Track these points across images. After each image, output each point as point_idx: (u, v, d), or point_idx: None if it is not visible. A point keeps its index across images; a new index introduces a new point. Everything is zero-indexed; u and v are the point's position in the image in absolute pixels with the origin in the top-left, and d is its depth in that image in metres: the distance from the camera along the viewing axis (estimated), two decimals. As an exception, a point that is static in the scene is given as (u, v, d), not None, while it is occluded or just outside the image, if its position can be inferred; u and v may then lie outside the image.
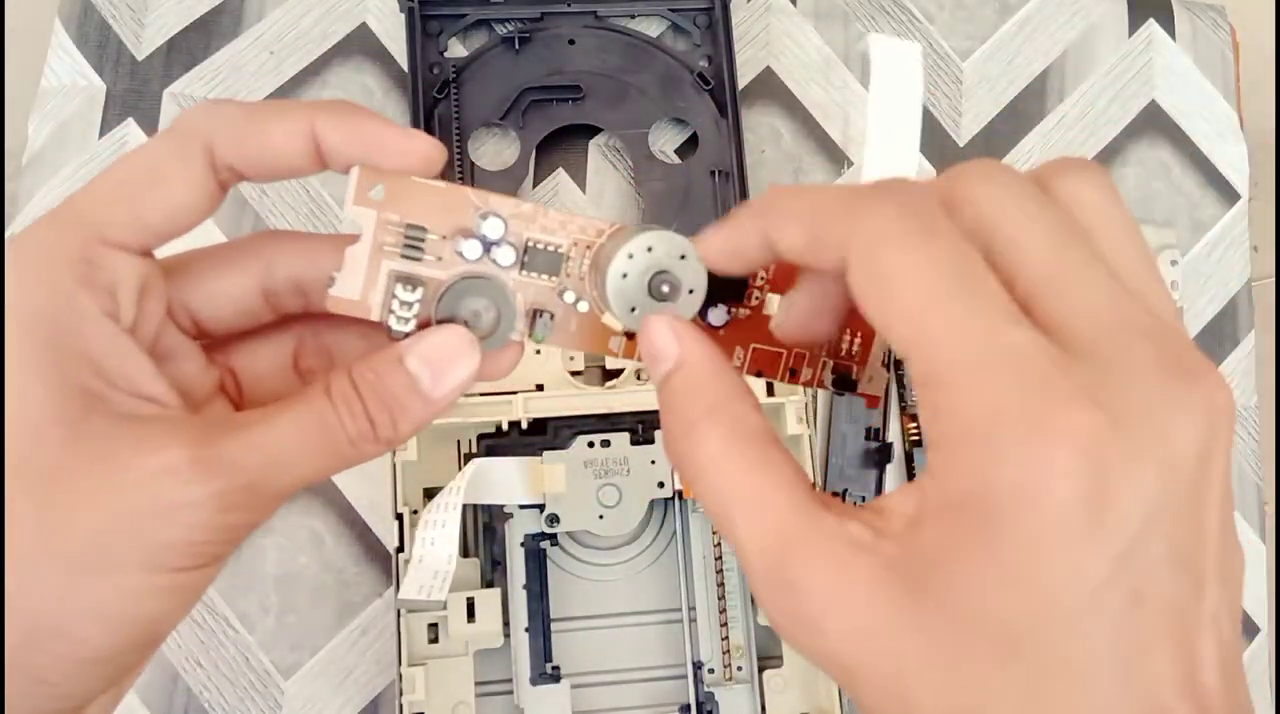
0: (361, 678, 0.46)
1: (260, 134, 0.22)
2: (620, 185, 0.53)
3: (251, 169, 0.22)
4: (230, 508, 0.20)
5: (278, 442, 0.21)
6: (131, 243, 0.21)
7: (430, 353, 0.22)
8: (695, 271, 0.23)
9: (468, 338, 0.23)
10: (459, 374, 0.22)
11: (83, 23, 0.52)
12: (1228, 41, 0.57)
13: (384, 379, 0.22)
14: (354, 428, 0.21)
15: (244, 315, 0.23)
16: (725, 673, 0.43)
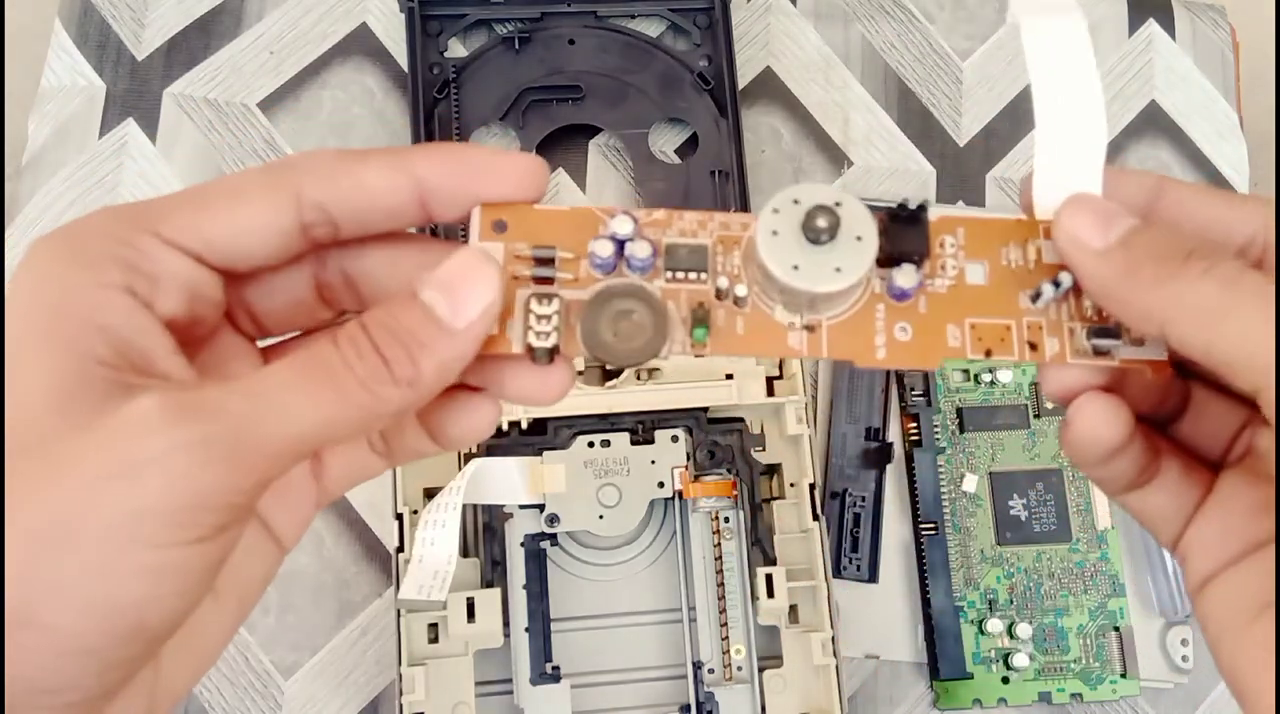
0: (361, 678, 0.46)
1: (355, 173, 0.20)
2: (620, 185, 0.53)
3: (344, 209, 0.20)
4: (213, 460, 0.17)
5: (268, 383, 0.18)
6: (185, 247, 0.19)
7: (445, 277, 0.20)
8: (858, 215, 0.21)
9: (484, 255, 0.20)
10: (480, 296, 0.20)
11: (83, 23, 0.52)
12: (1228, 41, 0.57)
13: (395, 314, 0.19)
14: (362, 367, 0.19)
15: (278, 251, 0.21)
16: (725, 673, 0.43)
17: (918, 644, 0.48)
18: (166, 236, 0.19)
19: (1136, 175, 0.22)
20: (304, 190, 0.20)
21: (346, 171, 0.20)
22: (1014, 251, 0.22)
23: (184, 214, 0.20)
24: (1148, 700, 0.48)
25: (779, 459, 0.46)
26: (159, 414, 0.17)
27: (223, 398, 0.17)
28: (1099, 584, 0.48)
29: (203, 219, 0.20)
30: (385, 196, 0.21)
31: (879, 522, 0.49)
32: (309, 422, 0.18)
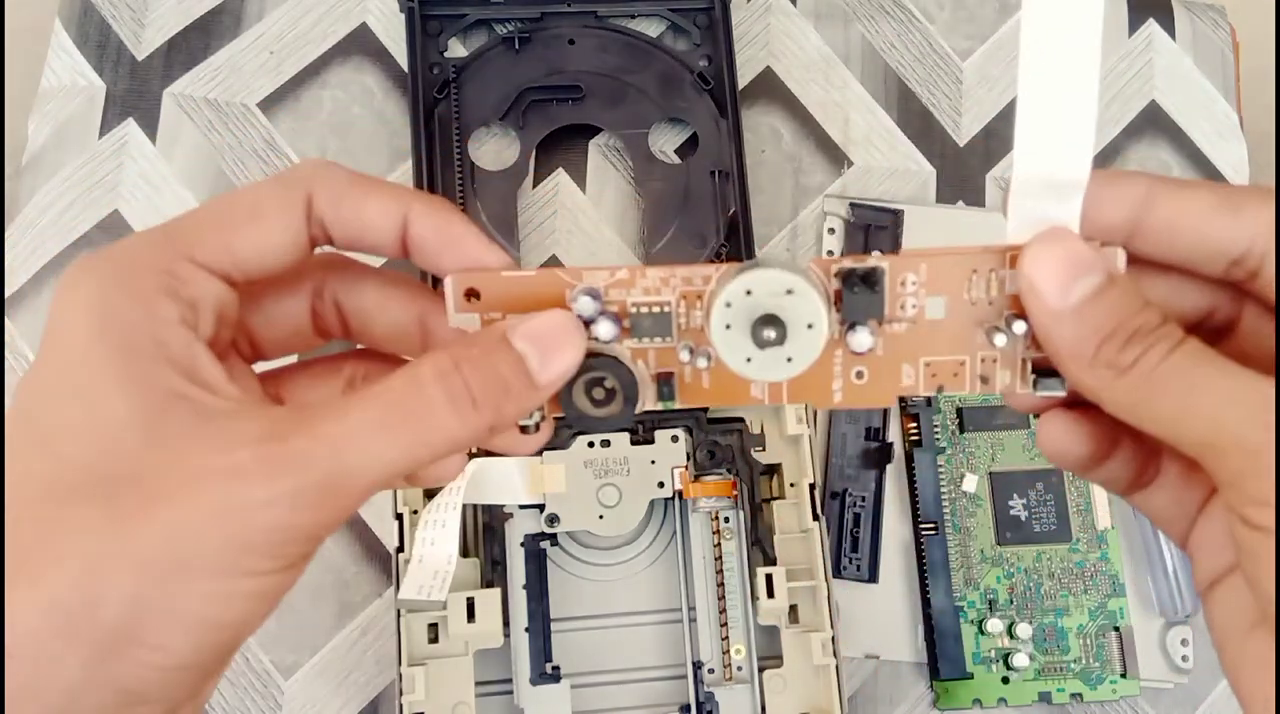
0: (361, 678, 0.46)
1: (360, 201, 0.22)
2: (620, 185, 0.53)
3: (340, 231, 0.22)
4: (304, 507, 0.19)
5: (350, 430, 0.19)
6: (217, 268, 0.21)
7: (539, 332, 0.21)
8: (808, 304, 0.21)
9: (574, 320, 0.22)
10: (567, 357, 0.21)
11: (83, 23, 0.52)
12: (1228, 41, 0.57)
13: (490, 357, 0.20)
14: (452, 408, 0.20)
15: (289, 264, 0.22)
16: (725, 673, 0.43)
17: (918, 644, 0.48)
18: (200, 260, 0.20)
19: (1126, 184, 0.21)
20: (314, 205, 0.21)
21: (354, 197, 0.22)
22: (977, 286, 0.22)
23: (214, 235, 0.21)
24: (1148, 700, 0.48)
25: (779, 459, 0.46)
26: (256, 467, 0.19)
27: (310, 447, 0.19)
28: (1099, 584, 0.48)
29: (231, 239, 0.21)
30: (377, 232, 0.22)
31: (879, 522, 0.49)
32: (389, 463, 0.20)
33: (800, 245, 0.53)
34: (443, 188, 0.50)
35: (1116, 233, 0.22)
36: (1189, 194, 0.21)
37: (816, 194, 0.53)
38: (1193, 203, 0.21)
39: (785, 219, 0.53)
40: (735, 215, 0.49)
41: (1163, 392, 0.19)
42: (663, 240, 0.50)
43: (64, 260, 0.49)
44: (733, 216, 0.50)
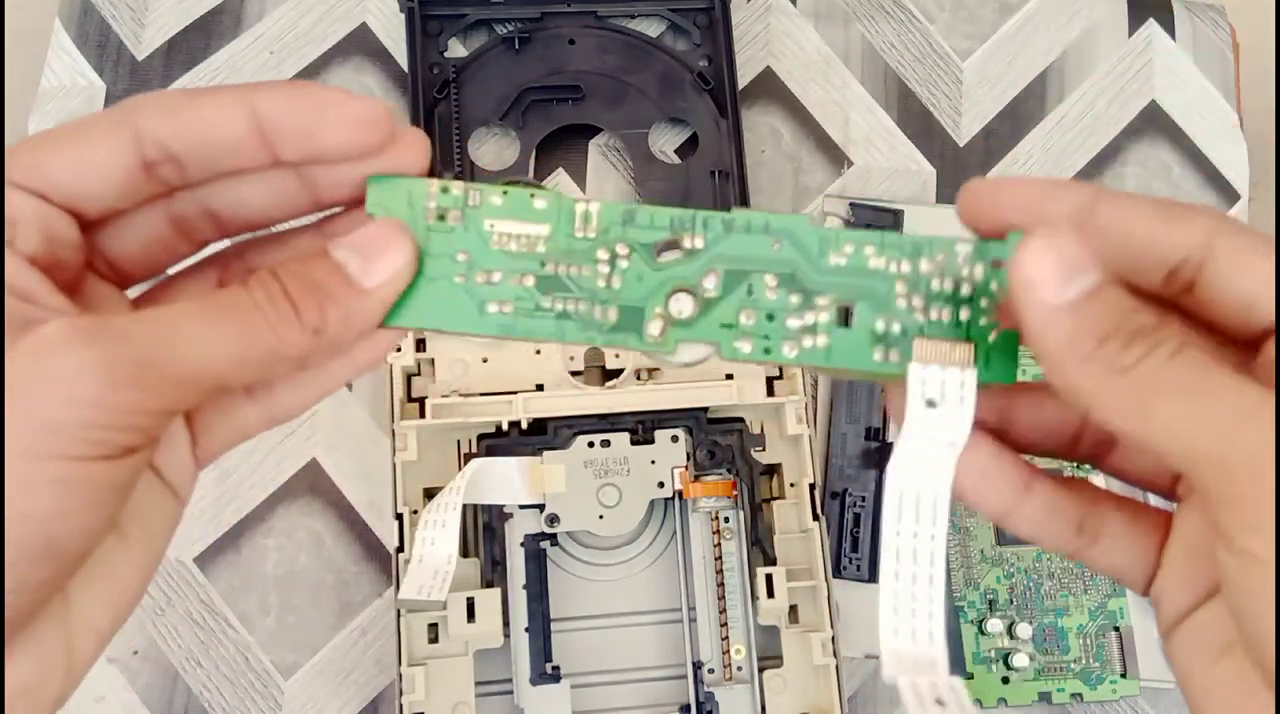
0: (361, 678, 0.46)
1: (192, 107, 0.20)
2: (620, 185, 0.53)
3: (184, 145, 0.20)
4: (121, 382, 0.18)
5: (176, 315, 0.19)
6: (30, 186, 0.20)
7: (359, 241, 0.21)
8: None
9: (399, 226, 0.21)
10: (392, 262, 0.21)
11: (83, 23, 0.52)
12: (1228, 41, 0.57)
13: (306, 265, 0.20)
14: (272, 309, 0.20)
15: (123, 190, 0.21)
16: (725, 673, 0.43)
17: (918, 644, 0.48)
18: (11, 178, 0.20)
19: (1070, 192, 0.21)
20: (144, 127, 0.20)
21: (185, 107, 0.20)
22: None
23: (24, 155, 0.20)
24: (1148, 700, 0.48)
25: (779, 459, 0.46)
26: (66, 336, 0.18)
27: (129, 325, 0.18)
28: (1099, 584, 0.48)
29: (44, 159, 0.20)
30: (223, 130, 0.20)
31: (879, 522, 0.48)
32: (215, 355, 0.19)
33: (800, 245, 0.53)
34: (443, 188, 0.50)
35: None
36: (1133, 202, 0.21)
37: (816, 194, 0.53)
38: (1133, 209, 0.21)
39: (785, 219, 0.53)
40: (735, 215, 0.49)
41: (1164, 397, 0.18)
42: (663, 240, 0.50)
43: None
44: (733, 216, 0.50)
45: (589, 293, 0.22)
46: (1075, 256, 0.20)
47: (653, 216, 0.22)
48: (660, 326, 0.22)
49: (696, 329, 0.22)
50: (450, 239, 0.22)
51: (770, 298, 0.22)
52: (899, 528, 0.22)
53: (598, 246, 0.22)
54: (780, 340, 0.22)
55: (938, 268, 0.22)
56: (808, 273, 0.22)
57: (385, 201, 0.22)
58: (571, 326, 0.22)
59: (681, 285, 0.22)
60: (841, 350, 0.22)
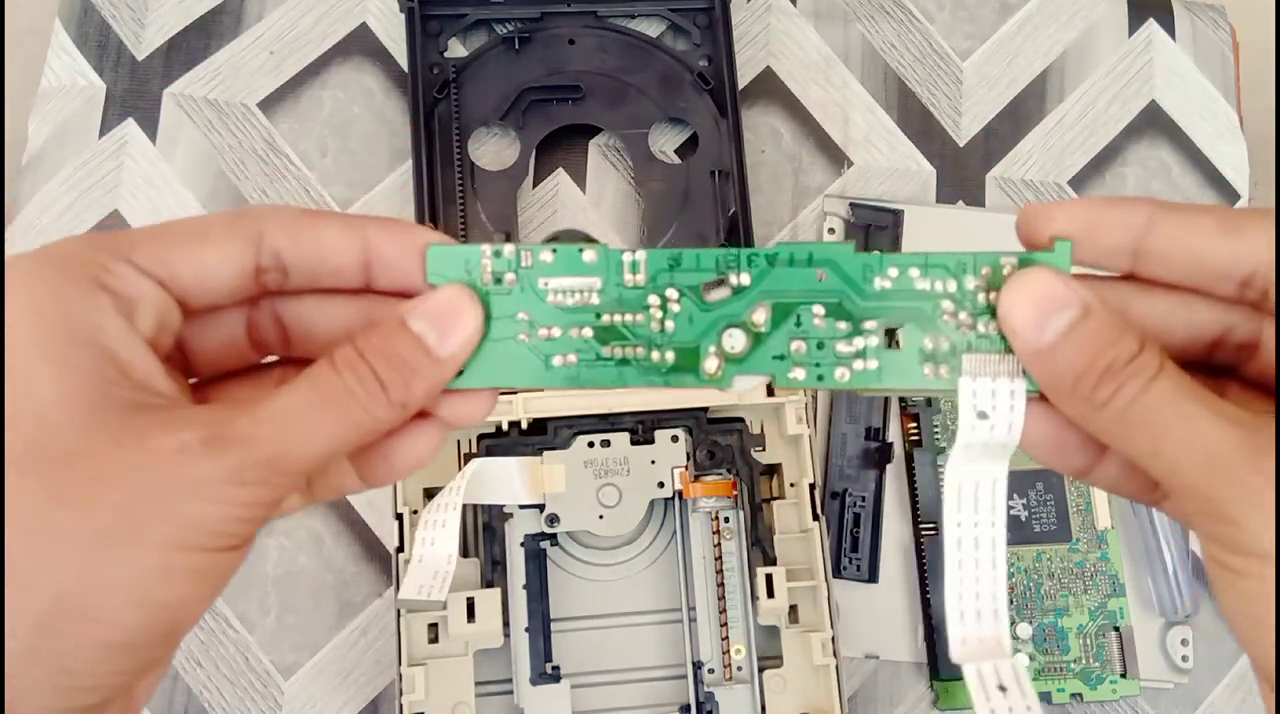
0: (361, 678, 0.46)
1: (316, 226, 0.22)
2: (620, 185, 0.53)
3: (298, 258, 0.22)
4: (248, 482, 0.20)
5: (287, 412, 0.20)
6: (155, 274, 0.21)
7: (432, 311, 0.22)
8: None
9: (467, 293, 0.22)
10: (465, 329, 0.22)
11: (83, 23, 0.52)
12: (1228, 41, 0.57)
13: (389, 341, 0.21)
14: (364, 392, 0.21)
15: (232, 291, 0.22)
16: (725, 673, 0.43)
17: (918, 644, 0.48)
18: (138, 263, 0.21)
19: (1127, 208, 0.22)
20: (265, 237, 0.22)
21: (308, 226, 0.22)
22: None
23: (153, 245, 0.21)
24: (1148, 700, 0.48)
25: (779, 459, 0.46)
26: (203, 445, 0.19)
27: (252, 429, 0.20)
28: (1099, 584, 0.48)
29: (170, 252, 0.21)
30: (337, 255, 0.22)
31: (879, 522, 0.49)
32: (322, 443, 0.21)
33: (800, 245, 0.53)
34: (443, 188, 0.50)
35: (1119, 255, 0.22)
36: (1191, 217, 0.21)
37: (816, 194, 0.53)
38: (1194, 225, 0.21)
39: (785, 219, 0.53)
40: (735, 215, 0.49)
41: (1134, 431, 0.20)
42: (663, 240, 0.50)
43: (64, 260, 0.49)
44: (733, 216, 0.50)
45: (645, 338, 0.23)
46: (1053, 296, 0.21)
47: (698, 259, 0.23)
48: (716, 364, 0.23)
49: (750, 362, 0.23)
50: (509, 300, 0.23)
51: (819, 327, 0.23)
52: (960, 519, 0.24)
53: (648, 293, 0.23)
54: (832, 366, 0.23)
55: (983, 282, 0.23)
56: (853, 300, 0.23)
57: (444, 270, 0.23)
58: (632, 372, 0.23)
59: (732, 322, 0.23)
60: (892, 371, 0.23)
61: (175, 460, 0.19)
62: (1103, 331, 0.21)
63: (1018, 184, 0.54)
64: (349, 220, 0.22)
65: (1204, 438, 0.19)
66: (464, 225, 0.49)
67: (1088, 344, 0.21)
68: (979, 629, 0.23)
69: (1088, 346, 0.21)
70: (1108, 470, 0.24)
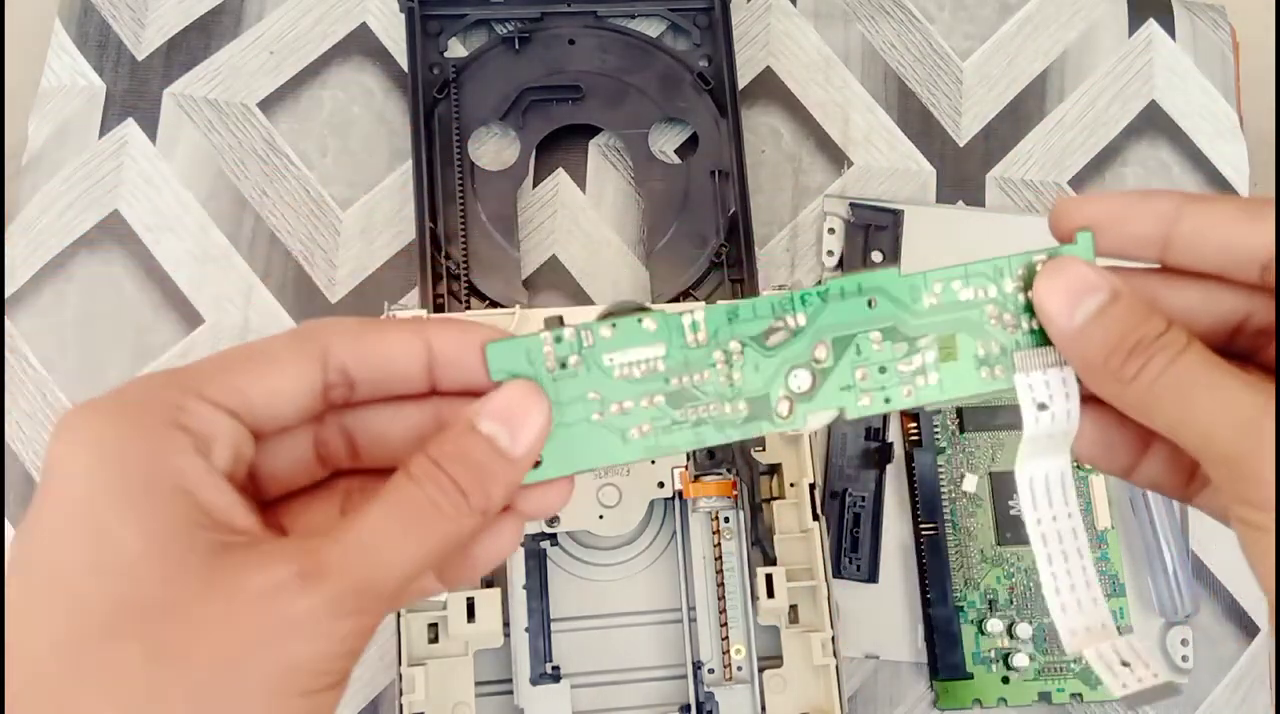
0: (361, 678, 0.46)
1: (378, 339, 0.22)
2: (620, 185, 0.53)
3: (364, 369, 0.22)
4: (345, 614, 0.19)
5: (375, 535, 0.20)
6: (229, 407, 0.21)
7: (500, 410, 0.22)
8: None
9: (532, 387, 0.22)
10: (535, 424, 0.22)
11: (83, 23, 0.52)
12: (1228, 41, 0.57)
13: (463, 448, 0.21)
14: (447, 503, 0.21)
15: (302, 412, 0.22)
16: (725, 673, 0.43)
17: (918, 644, 0.48)
18: (210, 398, 0.20)
19: (1156, 199, 0.23)
20: (330, 354, 0.22)
21: (372, 338, 0.22)
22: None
23: (224, 377, 0.21)
24: (1148, 700, 0.48)
25: (779, 459, 0.46)
26: (297, 581, 0.19)
27: (341, 556, 0.19)
28: (1099, 584, 0.48)
29: (242, 382, 0.21)
30: (401, 363, 0.22)
31: (879, 522, 0.49)
32: (412, 562, 0.20)
33: (800, 245, 0.53)
34: (443, 188, 0.50)
35: (1149, 245, 0.23)
36: (1215, 205, 0.23)
37: (816, 194, 0.53)
38: (1218, 213, 0.23)
39: (785, 219, 0.53)
40: (735, 215, 0.49)
41: (1163, 401, 0.21)
42: (663, 240, 0.50)
43: (64, 260, 0.49)
44: (733, 216, 0.50)
45: (715, 394, 0.24)
46: (1083, 281, 0.22)
47: (755, 308, 0.24)
48: (788, 406, 0.24)
49: (819, 399, 0.24)
50: (576, 383, 0.23)
51: (878, 351, 0.24)
52: (1039, 516, 0.24)
53: (712, 350, 0.23)
54: (897, 387, 0.24)
55: (1020, 283, 0.24)
56: (906, 321, 0.24)
57: (506, 365, 0.23)
58: (709, 430, 0.24)
59: (796, 363, 0.24)
60: (952, 382, 0.24)
61: (269, 601, 0.19)
62: (1131, 313, 0.22)
63: (1018, 184, 0.54)
64: (410, 326, 0.22)
65: (1235, 403, 0.20)
66: (464, 225, 0.49)
67: (1117, 324, 0.22)
68: (1083, 618, 0.24)
69: (1117, 326, 0.22)
70: (1150, 467, 0.25)
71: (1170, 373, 0.21)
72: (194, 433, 0.20)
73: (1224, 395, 0.21)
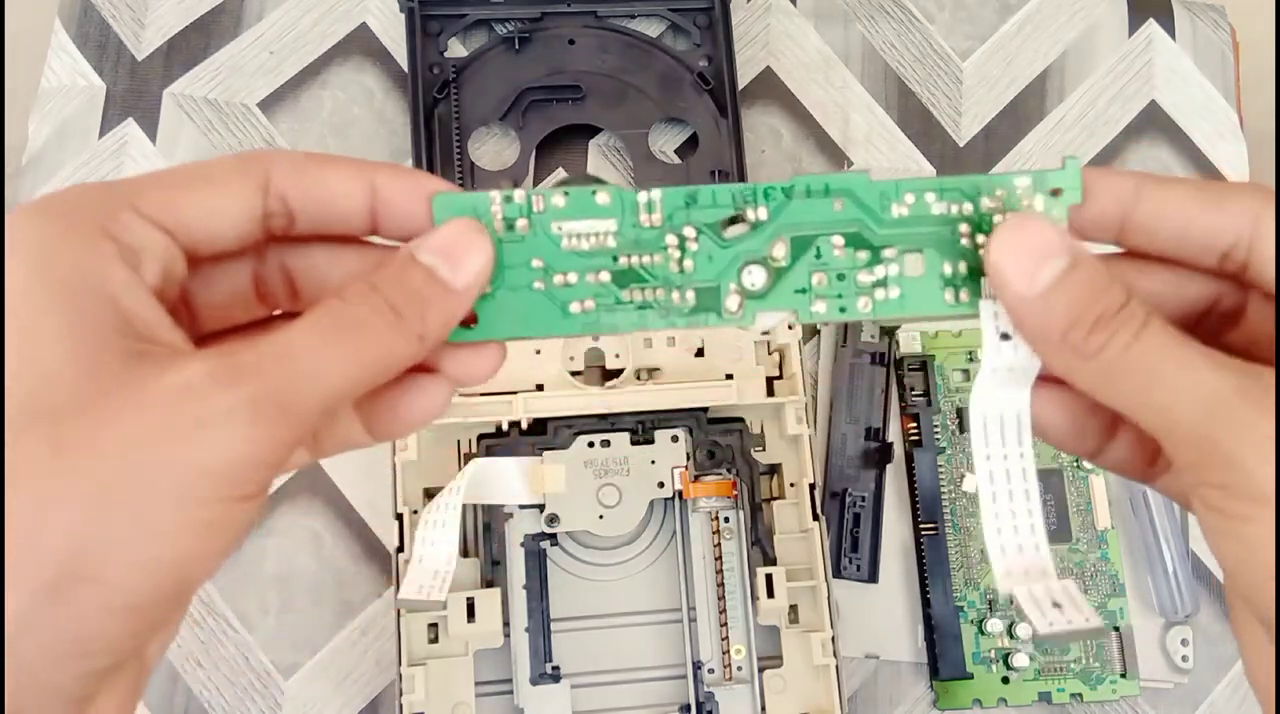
0: (361, 678, 0.46)
1: (320, 171, 0.22)
2: (620, 185, 0.53)
3: (304, 202, 0.22)
4: (260, 419, 0.18)
5: (297, 344, 0.19)
6: (161, 222, 0.20)
7: (442, 244, 0.21)
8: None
9: (475, 224, 0.22)
10: (477, 260, 0.22)
11: (83, 23, 0.52)
12: (1228, 41, 0.57)
13: (401, 274, 0.21)
14: (379, 321, 0.20)
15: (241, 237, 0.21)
16: (725, 673, 0.43)
17: (918, 644, 0.48)
18: (144, 212, 0.20)
19: (1115, 178, 0.22)
20: (272, 180, 0.21)
21: (314, 169, 0.21)
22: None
23: (159, 192, 0.20)
24: (1147, 701, 0.48)
25: (779, 459, 0.46)
26: (208, 378, 0.18)
27: (261, 360, 0.18)
28: (1099, 584, 0.48)
29: (177, 198, 0.20)
30: (344, 199, 0.22)
31: (879, 522, 0.49)
32: (338, 377, 0.19)
33: (800, 245, 0.53)
34: (443, 188, 0.50)
35: (1108, 224, 0.22)
36: (1173, 188, 0.22)
37: (816, 194, 0.53)
38: (1176, 196, 0.22)
39: (785, 219, 0.53)
40: (735, 215, 0.49)
41: (1126, 379, 0.20)
42: (663, 240, 0.50)
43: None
44: (733, 216, 0.50)
45: (664, 279, 0.23)
46: (1046, 242, 0.21)
47: (714, 195, 0.23)
48: (737, 301, 0.23)
49: (771, 298, 0.23)
50: (522, 248, 0.23)
51: (839, 257, 0.23)
52: (989, 452, 0.23)
53: (665, 233, 0.23)
54: (854, 297, 0.23)
55: (999, 204, 0.22)
56: (872, 229, 0.23)
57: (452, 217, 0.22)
58: (653, 315, 0.23)
59: (751, 258, 0.23)
60: (913, 298, 0.23)
61: (179, 398, 0.18)
62: (1092, 281, 0.21)
63: (1018, 184, 0.54)
64: (357, 164, 0.22)
65: (1203, 382, 0.19)
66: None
67: (1078, 293, 0.21)
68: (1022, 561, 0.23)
69: (1078, 296, 0.21)
70: (1117, 450, 0.24)
71: (1134, 350, 0.20)
72: (122, 244, 0.19)
73: (1192, 375, 0.20)
